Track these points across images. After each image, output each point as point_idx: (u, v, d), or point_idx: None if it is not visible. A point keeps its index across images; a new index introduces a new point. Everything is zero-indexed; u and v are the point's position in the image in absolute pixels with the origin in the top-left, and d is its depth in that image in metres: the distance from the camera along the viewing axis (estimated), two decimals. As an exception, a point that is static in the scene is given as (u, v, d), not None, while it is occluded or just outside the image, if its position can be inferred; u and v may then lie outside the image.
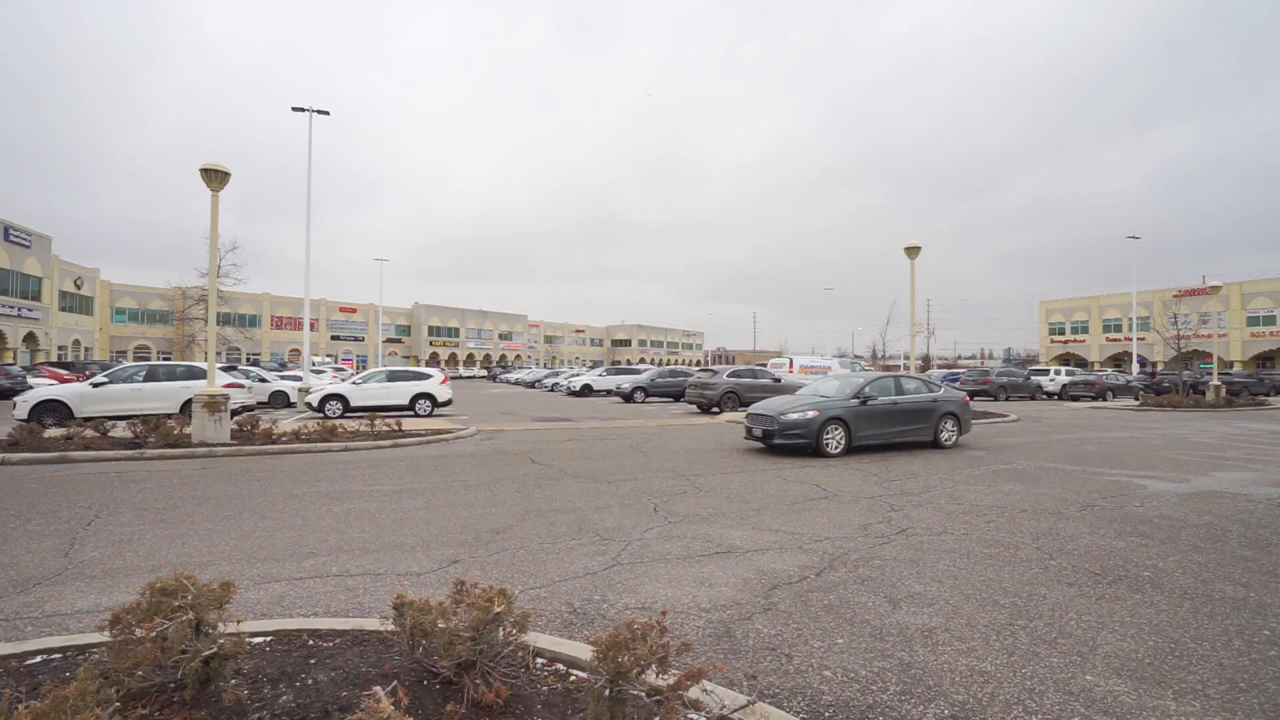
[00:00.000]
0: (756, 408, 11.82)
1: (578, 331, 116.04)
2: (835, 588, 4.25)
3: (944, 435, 11.99)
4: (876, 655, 3.25)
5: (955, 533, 5.72)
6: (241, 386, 18.54)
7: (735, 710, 2.41)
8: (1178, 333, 29.78)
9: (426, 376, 20.70)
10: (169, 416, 12.27)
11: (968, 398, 13.20)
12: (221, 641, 2.45)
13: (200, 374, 15.58)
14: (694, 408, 22.87)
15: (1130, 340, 49.68)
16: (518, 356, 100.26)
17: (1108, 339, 71.41)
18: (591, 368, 57.03)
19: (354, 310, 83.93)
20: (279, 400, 23.93)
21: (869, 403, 11.18)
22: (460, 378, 75.65)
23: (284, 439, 11.82)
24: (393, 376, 20.32)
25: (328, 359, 62.66)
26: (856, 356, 45.55)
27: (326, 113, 24.03)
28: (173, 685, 2.37)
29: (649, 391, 28.94)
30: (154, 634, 2.27)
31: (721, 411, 21.11)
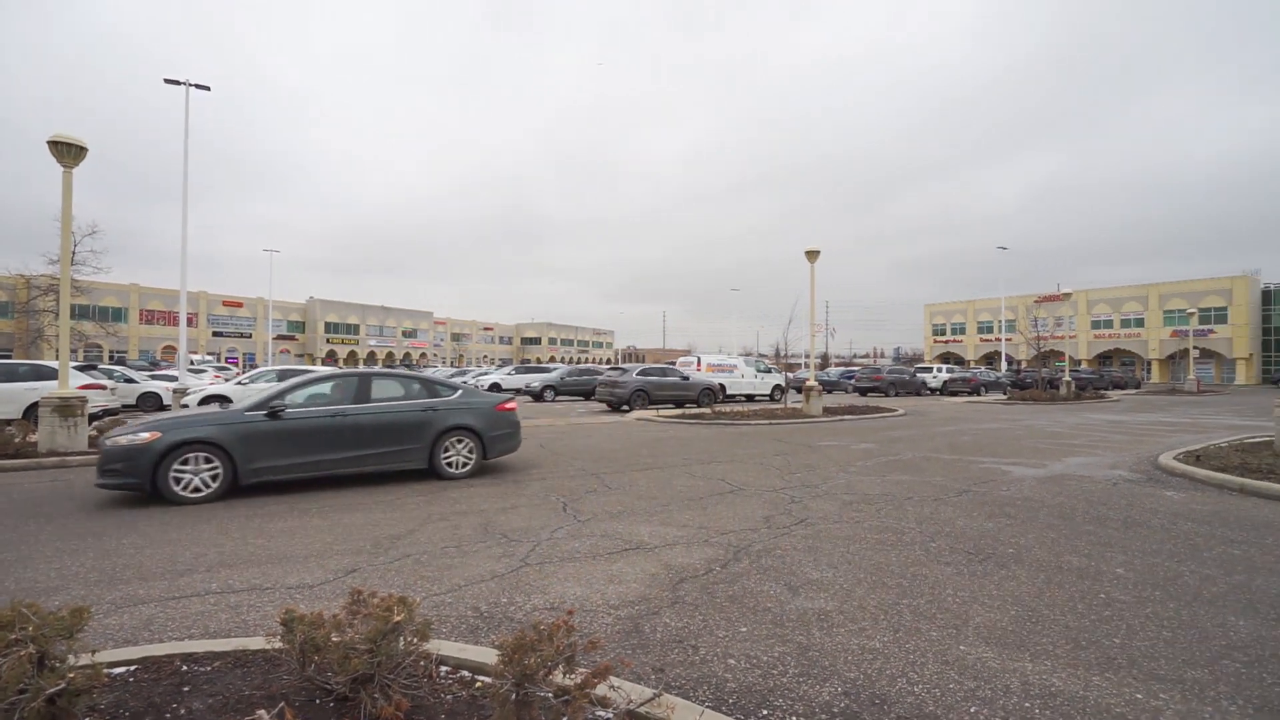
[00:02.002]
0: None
1: (486, 329, 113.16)
2: (739, 578, 4.41)
3: (447, 459, 8.46)
4: (777, 641, 3.40)
5: (849, 520, 6.10)
6: (103, 388, 16.65)
7: (642, 704, 2.45)
8: (1037, 334, 33.25)
9: (322, 376, 19.44)
10: (8, 422, 10.78)
11: (510, 404, 9.31)
12: (72, 676, 2.18)
13: (50, 374, 13.82)
14: (604, 406, 22.95)
15: (1000, 341, 55.03)
16: (423, 355, 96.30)
17: (981, 340, 78.71)
18: (500, 366, 55.86)
19: (240, 304, 77.33)
20: (150, 403, 21.64)
21: (282, 415, 7.58)
22: (360, 377, 71.55)
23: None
24: (284, 376, 18.91)
25: (209, 357, 57.31)
26: (761, 355, 47.40)
27: (207, 88, 21.99)
28: (11, 728, 2.09)
29: (559, 390, 28.76)
30: (-14, 671, 1.99)
31: (631, 409, 21.31)
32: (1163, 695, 2.84)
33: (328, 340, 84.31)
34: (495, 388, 34.02)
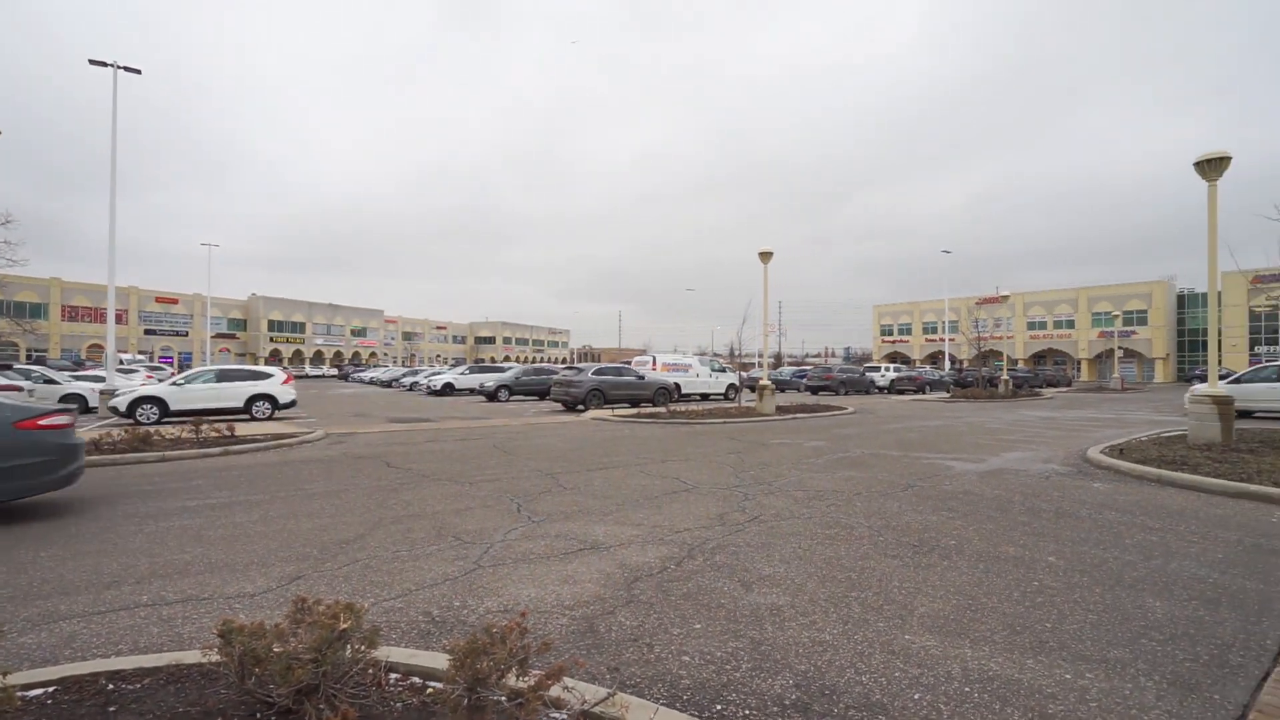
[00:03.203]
0: None
1: (439, 328, 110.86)
2: (694, 576, 4.45)
3: None
4: (731, 636, 3.45)
5: (800, 517, 6.24)
6: (18, 389, 15.56)
7: (596, 704, 2.45)
8: (978, 335, 34.72)
9: (265, 376, 18.66)
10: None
11: (45, 420, 6.31)
12: (-17, 697, 2.04)
13: (-41, 375, 12.79)
14: (559, 406, 22.81)
15: (944, 341, 57.28)
16: (373, 354, 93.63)
17: (926, 340, 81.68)
18: (453, 366, 54.83)
19: (175, 301, 73.49)
20: (75, 405, 20.32)
21: None
22: (307, 377, 69.17)
23: (78, 450, 10.07)
24: (224, 376, 18.07)
25: (140, 356, 54.18)
26: (716, 354, 47.95)
27: (137, 71, 20.77)
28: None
29: (514, 390, 28.41)
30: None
31: (587, 409, 21.24)
32: (1089, 675, 3.01)
33: (271, 339, 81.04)
34: (449, 388, 33.45)
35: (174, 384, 17.44)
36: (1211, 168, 10.61)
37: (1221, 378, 17.73)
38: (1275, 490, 7.07)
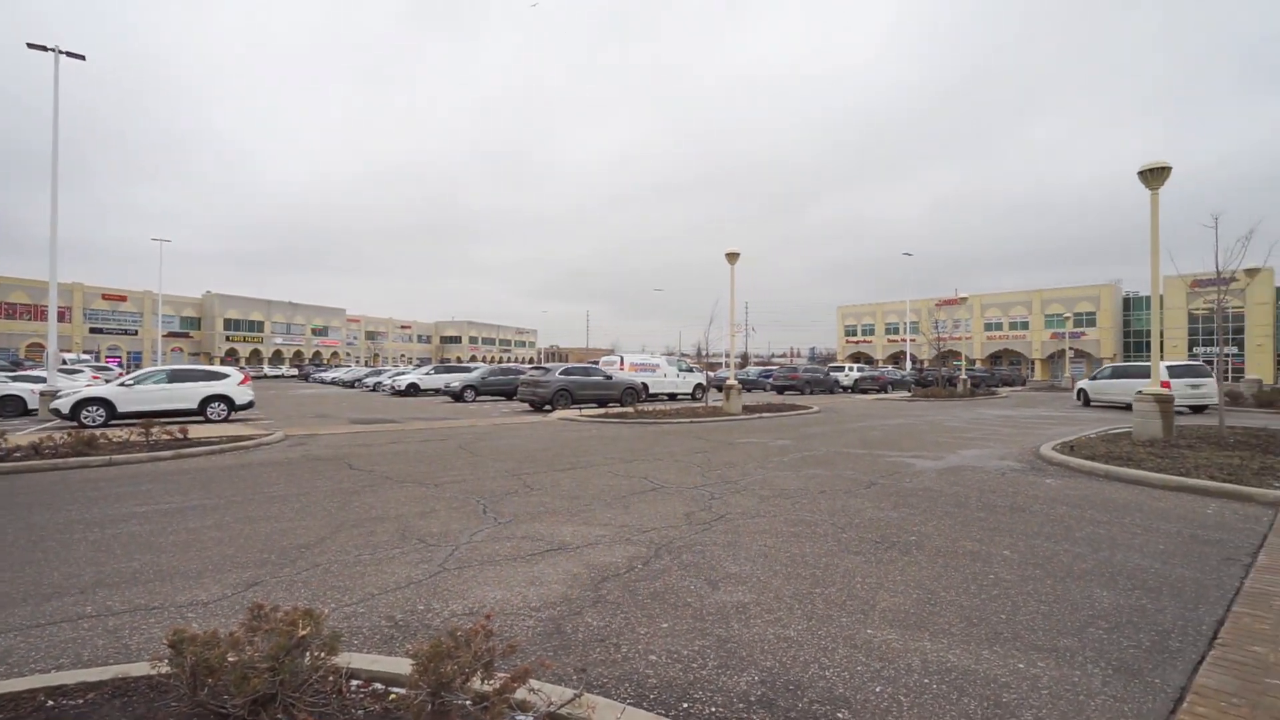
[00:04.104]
0: None
1: (404, 327, 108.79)
2: (661, 575, 4.47)
3: None
4: (697, 635, 3.47)
5: (766, 515, 6.32)
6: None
7: (563, 705, 2.44)
8: (938, 335, 35.69)
9: (221, 376, 18.02)
10: None
11: None
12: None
13: (-117, 375, 12.03)
14: (526, 406, 22.63)
15: (905, 341, 58.70)
16: (335, 354, 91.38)
17: (889, 340, 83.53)
18: (418, 366, 53.88)
19: (123, 298, 70.43)
20: (12, 407, 19.33)
21: None
22: (265, 377, 67.13)
23: (16, 455, 9.60)
24: (176, 376, 17.39)
25: (85, 356, 51.77)
26: (683, 354, 48.22)
27: (81, 57, 19.86)
28: None
29: (480, 390, 28.07)
30: None
31: (554, 409, 21.12)
32: (1040, 664, 3.13)
33: (228, 338, 78.39)
34: (414, 388, 32.87)
35: (122, 385, 16.71)
36: (1153, 176, 11.12)
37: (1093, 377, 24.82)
38: (1211, 484, 7.44)
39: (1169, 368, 21.17)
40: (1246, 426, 13.99)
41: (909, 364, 56.85)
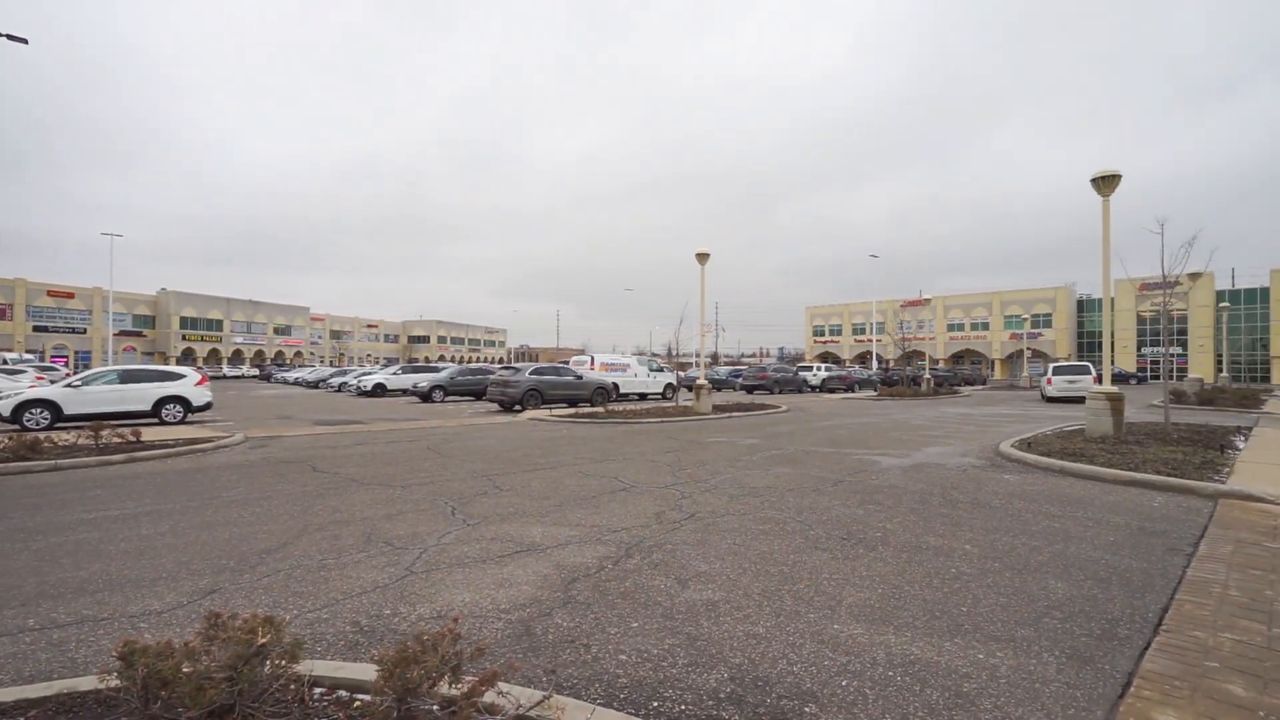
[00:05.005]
0: None
1: (370, 326, 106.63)
2: (631, 575, 4.47)
3: None
4: (667, 633, 3.49)
5: (736, 513, 6.37)
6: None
7: (532, 707, 2.42)
8: (903, 336, 36.48)
9: (177, 376, 17.40)
10: None
11: None
12: None
13: None
14: (496, 406, 22.41)
15: (872, 341, 59.90)
16: (298, 354, 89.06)
17: (856, 340, 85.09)
18: (385, 366, 52.89)
19: (70, 295, 67.40)
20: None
21: None
22: (224, 378, 65.08)
23: (-46, 460, 9.11)
24: (128, 377, 16.72)
25: (29, 356, 49.36)
26: (654, 354, 48.39)
27: (24, 40, 18.94)
28: None
29: (448, 390, 27.70)
30: None
31: (524, 409, 20.97)
32: (999, 654, 3.22)
33: (184, 336, 75.71)
34: (380, 388, 32.22)
35: (69, 386, 15.99)
36: (1105, 184, 11.56)
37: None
38: (1157, 478, 7.77)
39: (1055, 368, 26.38)
40: (1190, 423, 14.65)
41: (875, 364, 57.98)
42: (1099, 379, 20.65)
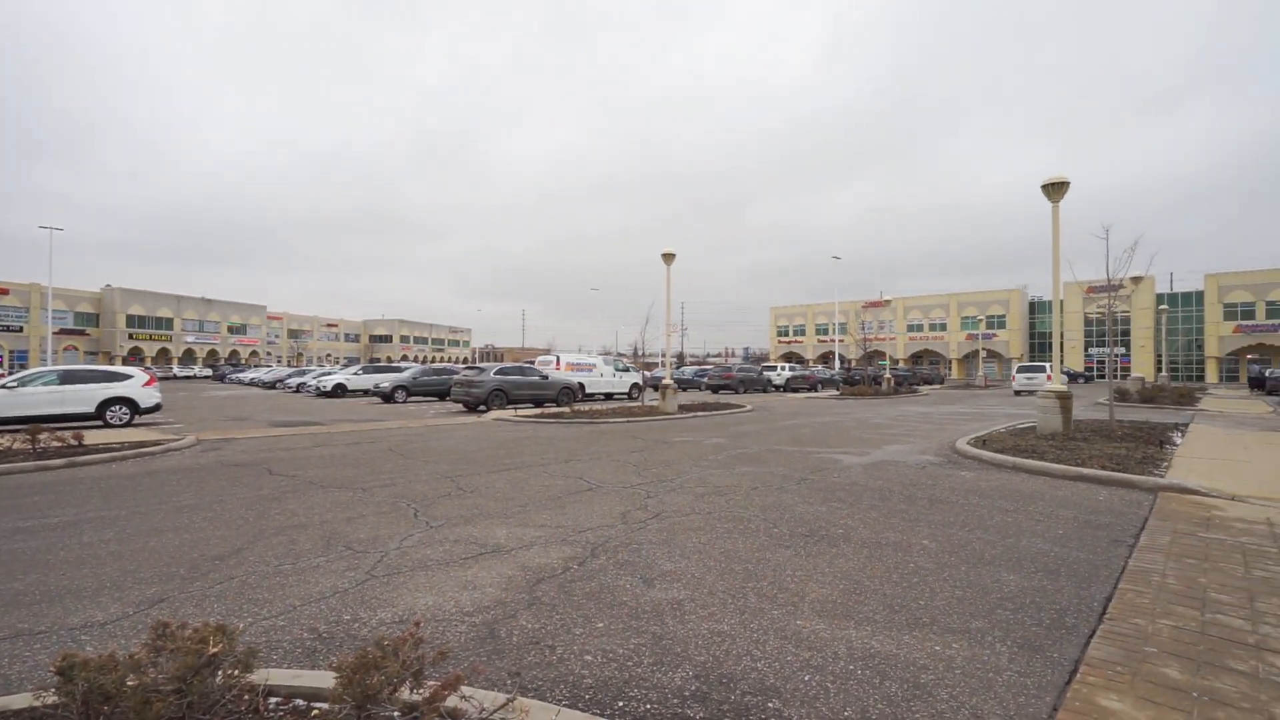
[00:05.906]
0: None
1: (330, 325, 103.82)
2: (596, 575, 4.47)
3: None
4: (633, 633, 3.49)
5: (701, 512, 6.42)
6: None
7: (495, 710, 2.40)
8: (864, 336, 37.34)
9: (123, 377, 16.65)
10: None
11: None
12: None
13: None
14: (460, 406, 22.10)
15: (834, 341, 61.04)
16: (254, 354, 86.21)
17: (819, 340, 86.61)
18: (346, 365, 51.63)
19: (4, 291, 63.84)
20: None
21: None
22: (175, 378, 62.59)
23: (-126, 466, 8.54)
24: (69, 378, 15.93)
25: (-43, 355, 46.64)
26: (620, 354, 48.36)
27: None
28: None
29: (411, 390, 27.20)
30: None
31: (489, 409, 20.73)
32: (955, 645, 3.32)
33: (131, 336, 72.49)
34: (341, 389, 31.45)
35: (4, 387, 15.15)
36: (1055, 190, 12.03)
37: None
38: (1102, 473, 8.12)
39: (1019, 368, 30.29)
40: (1133, 420, 15.37)
41: (838, 363, 59.06)
42: (1050, 377, 21.71)
